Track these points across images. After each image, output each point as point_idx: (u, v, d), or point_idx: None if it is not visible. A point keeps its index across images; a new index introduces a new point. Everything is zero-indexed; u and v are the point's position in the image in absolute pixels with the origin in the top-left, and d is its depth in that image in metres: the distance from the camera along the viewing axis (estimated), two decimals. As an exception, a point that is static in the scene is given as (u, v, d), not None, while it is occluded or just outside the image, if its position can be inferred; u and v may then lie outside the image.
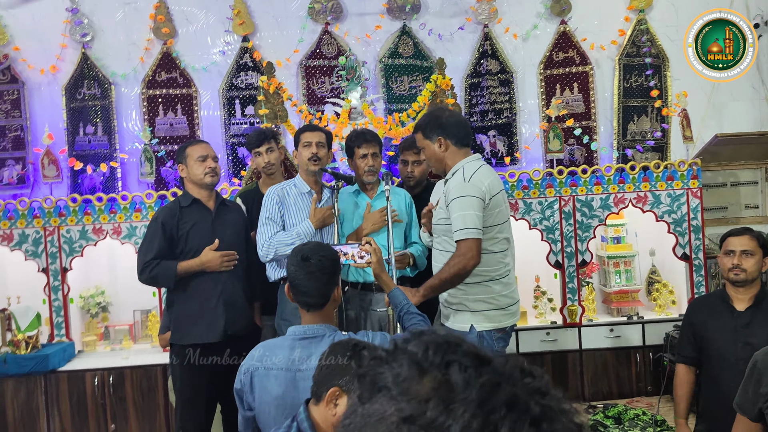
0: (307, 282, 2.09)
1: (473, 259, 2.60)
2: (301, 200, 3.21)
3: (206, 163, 3.14)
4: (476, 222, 2.60)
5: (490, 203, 2.67)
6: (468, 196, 2.62)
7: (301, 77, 5.00)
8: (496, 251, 2.74)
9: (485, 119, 5.07)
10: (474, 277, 2.68)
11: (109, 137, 4.88)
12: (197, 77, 5.00)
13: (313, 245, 2.17)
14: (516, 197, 4.38)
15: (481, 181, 2.67)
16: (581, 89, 5.09)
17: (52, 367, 4.11)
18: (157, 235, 3.07)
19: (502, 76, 5.09)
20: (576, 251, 4.38)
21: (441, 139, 2.74)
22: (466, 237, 2.60)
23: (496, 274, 2.74)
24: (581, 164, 4.78)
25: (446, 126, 2.74)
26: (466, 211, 2.60)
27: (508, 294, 2.77)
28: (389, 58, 5.04)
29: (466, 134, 2.80)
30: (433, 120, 2.77)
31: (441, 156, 2.77)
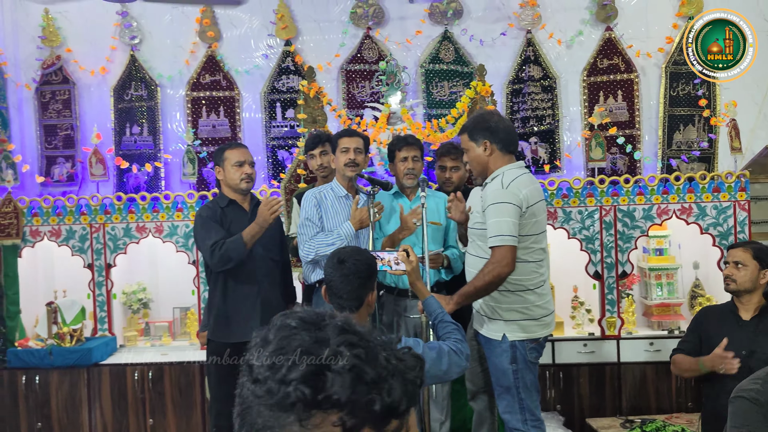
0: (342, 284, 2.13)
1: (508, 267, 2.59)
2: (338, 204, 3.25)
3: (243, 168, 3.19)
4: (512, 229, 2.59)
5: (527, 212, 2.65)
6: (505, 203, 2.61)
7: (342, 81, 5.05)
8: (531, 261, 2.72)
9: (526, 126, 5.04)
10: (508, 285, 2.67)
11: (154, 138, 5.02)
12: (240, 80, 5.09)
13: (351, 249, 2.20)
14: (555, 206, 4.33)
15: (519, 189, 2.65)
16: (625, 97, 5.01)
17: (95, 360, 4.24)
18: (209, 224, 3.13)
19: (544, 83, 5.05)
20: (616, 262, 4.31)
21: (487, 142, 2.73)
22: (501, 244, 2.59)
23: (530, 283, 2.72)
24: (624, 173, 4.71)
25: (494, 130, 2.73)
26: (502, 217, 2.59)
27: (542, 304, 2.75)
28: (430, 63, 5.04)
29: (513, 141, 2.79)
30: (482, 122, 2.76)
31: (485, 160, 2.75)
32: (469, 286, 2.67)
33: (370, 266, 2.17)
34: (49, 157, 5.07)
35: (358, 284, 2.14)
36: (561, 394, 4.24)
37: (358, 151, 3.27)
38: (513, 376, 2.70)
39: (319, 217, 3.20)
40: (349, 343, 0.76)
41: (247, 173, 3.19)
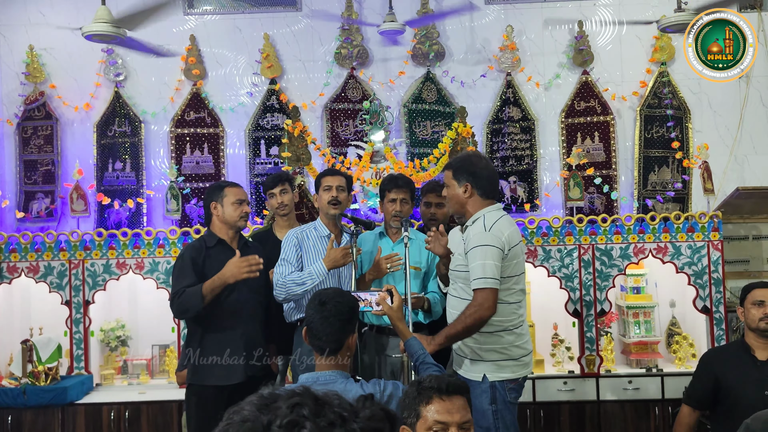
0: (322, 326, 2.13)
1: (489, 310, 2.62)
2: (320, 243, 3.26)
3: (242, 207, 3.20)
4: (495, 272, 2.63)
5: (508, 254, 2.70)
6: (488, 246, 2.65)
7: (326, 119, 5.13)
8: (512, 302, 2.76)
9: (506, 165, 5.13)
10: (487, 326, 2.69)
11: (136, 173, 5.03)
12: (225, 117, 5.15)
13: (333, 291, 2.22)
14: (535, 244, 4.39)
15: (501, 232, 2.70)
16: (602, 138, 5.14)
17: (70, 399, 4.18)
18: (186, 270, 3.10)
19: (523, 123, 5.16)
20: (595, 300, 4.36)
21: (468, 185, 2.77)
22: (484, 286, 2.62)
23: (509, 324, 2.75)
24: (601, 213, 4.80)
25: (477, 176, 2.78)
26: (485, 260, 2.63)
27: (521, 345, 2.78)
28: (413, 103, 5.15)
29: (494, 189, 2.84)
30: (467, 165, 2.81)
31: (463, 200, 2.79)
32: (451, 328, 2.69)
33: (352, 308, 2.18)
34: (27, 192, 5.05)
35: (338, 326, 2.14)
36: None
37: (340, 189, 3.30)
38: (492, 417, 2.71)
39: (298, 258, 3.21)
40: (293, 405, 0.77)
41: (246, 211, 3.22)
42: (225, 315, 3.13)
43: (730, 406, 2.89)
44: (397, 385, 2.19)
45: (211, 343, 3.13)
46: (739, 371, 2.90)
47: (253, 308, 3.24)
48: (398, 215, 3.35)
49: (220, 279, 2.99)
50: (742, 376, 2.88)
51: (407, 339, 2.49)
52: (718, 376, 2.95)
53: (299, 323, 3.26)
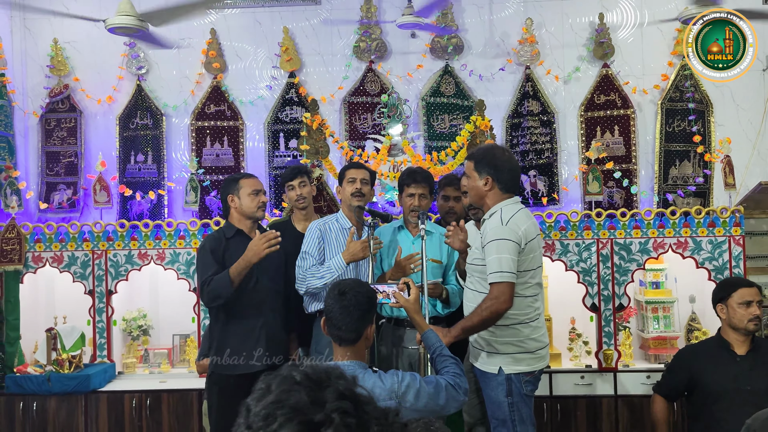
0: (341, 316, 2.16)
1: (506, 303, 2.64)
2: (342, 235, 3.30)
3: (259, 197, 3.26)
4: (511, 266, 2.64)
5: (525, 248, 2.71)
6: (504, 240, 2.66)
7: (344, 113, 5.15)
8: (528, 295, 2.78)
9: (526, 159, 5.13)
10: (503, 320, 2.71)
11: (158, 166, 5.10)
12: (244, 110, 5.20)
13: (352, 281, 2.25)
14: (553, 238, 4.38)
15: (518, 226, 2.71)
16: (622, 132, 5.11)
17: (93, 387, 4.26)
18: (208, 259, 3.16)
19: (543, 117, 5.15)
20: (613, 295, 4.36)
21: (489, 179, 2.78)
22: (500, 280, 2.64)
23: (525, 317, 2.77)
24: (620, 207, 4.79)
25: (500, 169, 2.79)
26: (502, 254, 2.64)
27: (537, 338, 2.79)
28: (431, 97, 5.16)
29: (515, 183, 2.85)
30: (489, 158, 2.81)
31: (482, 193, 2.80)
32: (467, 320, 2.71)
33: (371, 299, 2.21)
34: (49, 183, 5.15)
35: (357, 316, 2.17)
36: (558, 426, 4.26)
37: (364, 182, 3.35)
38: (508, 409, 2.73)
39: (320, 250, 3.24)
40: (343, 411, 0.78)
41: (264, 201, 3.26)
42: (246, 305, 3.18)
43: (706, 401, 3.01)
44: (415, 376, 2.21)
45: (232, 334, 3.18)
46: (718, 366, 3.02)
47: (274, 299, 3.28)
48: (416, 210, 3.37)
49: (244, 260, 3.03)
50: (720, 371, 2.99)
51: (424, 331, 2.51)
52: (693, 372, 3.08)
53: (318, 314, 3.30)
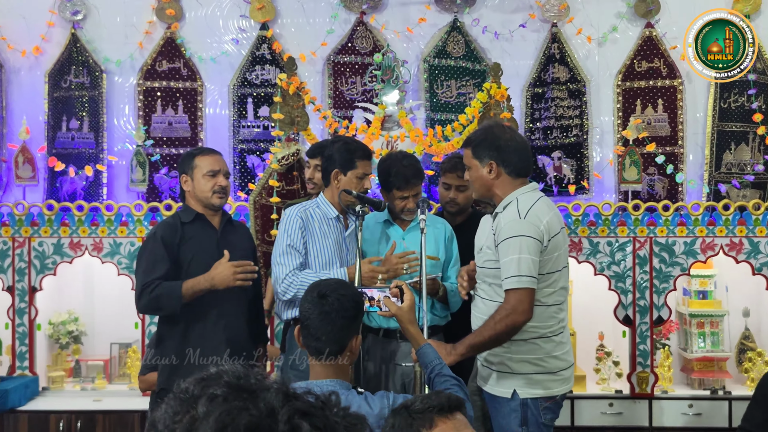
0: (321, 323, 2.16)
1: (524, 314, 2.64)
2: (327, 226, 3.29)
3: (216, 179, 3.24)
4: (531, 268, 2.64)
5: (548, 246, 2.71)
6: (523, 237, 2.66)
7: (328, 75, 5.13)
8: (551, 304, 2.78)
9: (549, 137, 5.14)
10: (520, 333, 2.71)
11: (96, 135, 5.06)
12: (204, 69, 5.17)
13: (335, 282, 2.24)
14: (580, 234, 4.41)
15: (539, 219, 2.70)
16: (667, 107, 5.12)
17: (11, 405, 4.24)
18: (158, 253, 3.15)
19: (571, 86, 5.15)
20: (651, 305, 4.38)
21: (493, 163, 2.78)
22: (518, 286, 2.64)
23: (547, 330, 2.77)
24: (662, 199, 4.80)
25: (503, 150, 2.79)
26: (520, 254, 2.64)
27: (560, 355, 2.80)
28: (435, 58, 5.14)
29: (526, 164, 2.85)
30: (489, 139, 2.82)
31: (489, 183, 2.81)
32: (477, 335, 2.71)
33: (357, 304, 2.20)
34: (-37, 154, 5.09)
35: (341, 325, 2.17)
36: (580, 464, 4.29)
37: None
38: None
39: (303, 244, 3.23)
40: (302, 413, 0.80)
41: (222, 185, 3.25)
42: (203, 309, 3.17)
43: None
44: (409, 399, 2.21)
45: (185, 342, 3.18)
46: None
47: (240, 301, 3.27)
48: (411, 211, 3.41)
49: (206, 281, 3.10)
50: None
51: (420, 346, 2.51)
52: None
53: (292, 322, 3.29)
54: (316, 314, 2.17)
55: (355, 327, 2.21)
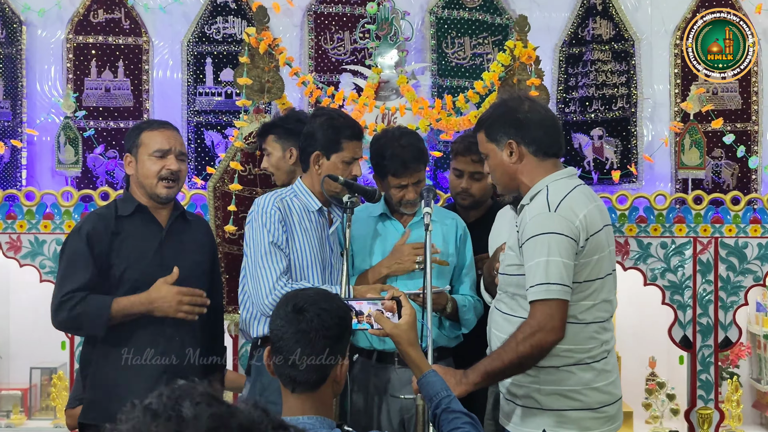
0: (297, 345, 2.13)
1: (554, 333, 2.62)
2: (308, 220, 3.27)
3: (165, 161, 3.19)
4: (563, 275, 2.62)
5: (586, 247, 2.70)
6: (553, 234, 2.64)
7: (308, 30, 5.13)
8: (590, 321, 2.76)
9: (588, 111, 5.14)
10: (550, 358, 2.70)
11: (12, 103, 5.04)
12: (151, 21, 5.16)
13: (314, 293, 2.21)
14: (627, 234, 4.41)
15: (573, 212, 2.69)
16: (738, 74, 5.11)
17: None
18: (80, 255, 3.11)
19: (617, 46, 5.15)
20: (716, 324, 4.39)
21: (513, 143, 2.77)
22: (546, 297, 2.62)
23: (586, 355, 2.76)
24: (732, 189, 4.81)
25: (523, 124, 2.77)
26: (549, 257, 2.62)
27: (602, 387, 2.79)
28: (444, 9, 5.15)
29: (554, 139, 2.83)
30: (505, 114, 2.80)
31: (512, 169, 2.80)
32: (495, 359, 2.69)
33: (343, 321, 2.18)
34: None
35: (321, 346, 2.14)
36: None
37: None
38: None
39: (285, 241, 3.22)
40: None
41: (171, 169, 3.20)
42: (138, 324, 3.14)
43: None
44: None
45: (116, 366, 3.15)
46: None
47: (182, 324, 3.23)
48: (411, 203, 3.42)
49: (143, 305, 3.07)
50: None
51: (423, 374, 2.49)
52: None
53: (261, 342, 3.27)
54: (291, 333, 2.14)
55: (340, 349, 2.19)
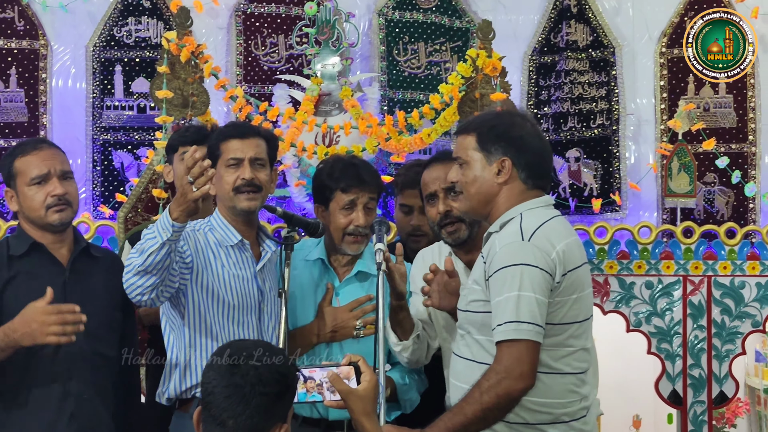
0: (230, 404, 2.17)
1: (523, 380, 2.66)
2: (226, 259, 3.29)
3: (47, 187, 3.20)
4: (535, 313, 2.66)
5: (563, 283, 2.75)
6: (526, 266, 2.68)
7: (236, 34, 5.20)
8: (568, 372, 2.81)
9: (562, 129, 5.25)
10: (524, 413, 2.74)
11: None
12: (50, 21, 5.19)
13: (253, 344, 2.24)
14: (606, 272, 4.46)
15: (550, 243, 2.73)
16: (733, 86, 5.27)
17: None
18: None
19: (595, 54, 5.27)
20: (710, 376, 4.45)
21: (507, 161, 2.80)
22: (515, 337, 2.65)
23: (562, 411, 2.80)
24: (726, 221, 4.90)
25: (523, 146, 2.82)
26: (521, 291, 2.66)
27: (580, 450, 2.86)
28: (394, 10, 5.23)
29: (546, 172, 2.88)
30: (508, 128, 2.84)
31: (493, 189, 2.81)
32: (457, 412, 2.71)
33: (285, 378, 2.21)
34: None
35: (258, 406, 2.16)
36: None
37: (259, 165, 3.31)
38: None
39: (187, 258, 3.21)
40: None
41: (57, 193, 3.19)
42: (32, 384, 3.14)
43: None
44: None
45: None
46: None
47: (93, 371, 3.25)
48: (360, 233, 3.37)
49: (6, 335, 3.01)
50: None
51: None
52: None
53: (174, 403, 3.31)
54: (222, 389, 2.17)
55: (280, 411, 2.22)
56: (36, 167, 3.18)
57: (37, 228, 3.23)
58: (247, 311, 3.28)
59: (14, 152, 3.26)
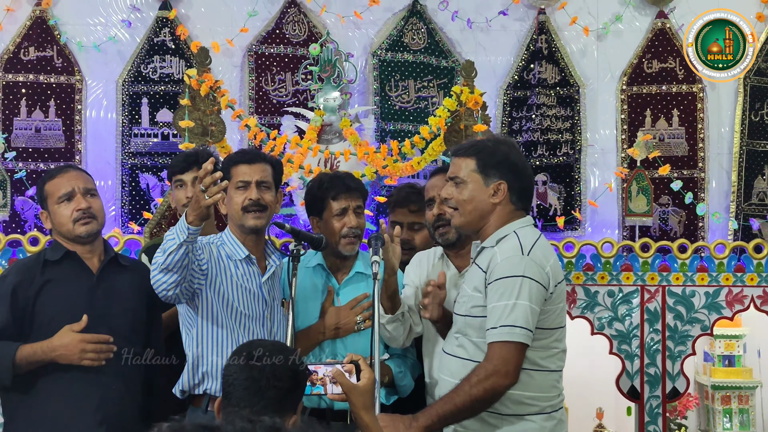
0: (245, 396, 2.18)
1: (508, 378, 2.70)
2: (235, 270, 3.30)
3: (73, 203, 3.22)
4: (528, 320, 2.71)
5: (554, 293, 2.81)
6: (525, 278, 2.72)
7: (248, 71, 5.23)
8: (553, 369, 2.86)
9: (532, 155, 5.28)
10: (510, 405, 2.78)
11: (-64, 143, 5.01)
12: (85, 59, 5.22)
13: (270, 344, 2.26)
14: (574, 282, 4.47)
15: (545, 258, 2.80)
16: (685, 120, 5.31)
17: None
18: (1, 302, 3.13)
19: (562, 91, 5.32)
20: (664, 374, 4.46)
21: (503, 185, 2.86)
22: (508, 339, 2.69)
23: (547, 404, 2.84)
24: (679, 237, 4.92)
25: (518, 173, 2.88)
26: (518, 299, 2.70)
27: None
28: (389, 51, 5.27)
29: (530, 197, 2.98)
30: (507, 156, 2.88)
31: (488, 208, 2.87)
32: (447, 402, 2.75)
33: (297, 375, 2.25)
34: None
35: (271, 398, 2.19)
36: None
37: (264, 187, 3.32)
38: None
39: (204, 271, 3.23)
40: None
41: (82, 208, 3.21)
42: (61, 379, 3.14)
43: None
44: None
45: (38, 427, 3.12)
46: None
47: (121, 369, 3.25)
48: (354, 234, 3.41)
49: (45, 353, 3.05)
50: None
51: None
52: None
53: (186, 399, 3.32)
54: (241, 381, 2.20)
55: (291, 403, 2.24)
56: (62, 187, 3.23)
57: (68, 241, 3.25)
58: (254, 319, 3.28)
59: (44, 178, 3.33)
